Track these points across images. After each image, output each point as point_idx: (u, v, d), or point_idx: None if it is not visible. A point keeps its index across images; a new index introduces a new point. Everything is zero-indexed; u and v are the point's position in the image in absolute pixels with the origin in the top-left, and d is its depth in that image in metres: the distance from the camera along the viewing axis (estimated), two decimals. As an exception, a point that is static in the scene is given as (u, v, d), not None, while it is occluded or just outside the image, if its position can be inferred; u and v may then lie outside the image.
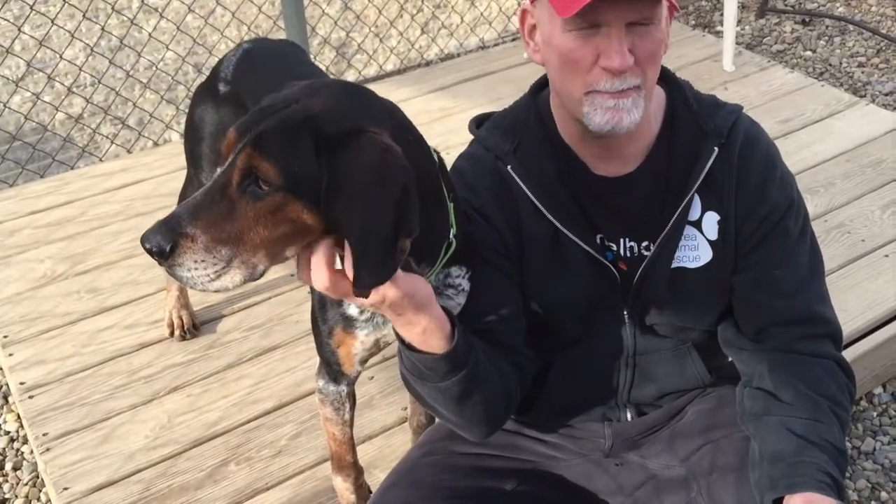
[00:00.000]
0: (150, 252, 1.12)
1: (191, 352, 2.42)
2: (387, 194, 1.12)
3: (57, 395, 2.29)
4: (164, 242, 1.10)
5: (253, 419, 2.22)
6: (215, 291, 1.15)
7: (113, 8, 3.74)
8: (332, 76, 3.92)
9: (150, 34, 3.87)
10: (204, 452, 2.13)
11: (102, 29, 3.72)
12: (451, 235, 1.33)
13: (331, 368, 1.62)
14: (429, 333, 1.30)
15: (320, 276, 1.17)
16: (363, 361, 1.60)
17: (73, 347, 2.44)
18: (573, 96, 1.39)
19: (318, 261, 1.17)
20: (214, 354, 2.41)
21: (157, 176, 3.16)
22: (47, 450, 2.14)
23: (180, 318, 2.45)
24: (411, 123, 1.29)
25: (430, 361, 1.33)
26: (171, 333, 2.45)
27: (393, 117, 1.24)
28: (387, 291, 1.19)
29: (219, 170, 1.16)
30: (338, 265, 1.19)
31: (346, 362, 1.58)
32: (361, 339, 1.52)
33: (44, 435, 2.18)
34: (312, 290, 1.63)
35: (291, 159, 1.12)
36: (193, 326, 2.46)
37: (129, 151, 3.55)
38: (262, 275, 1.16)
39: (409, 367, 1.37)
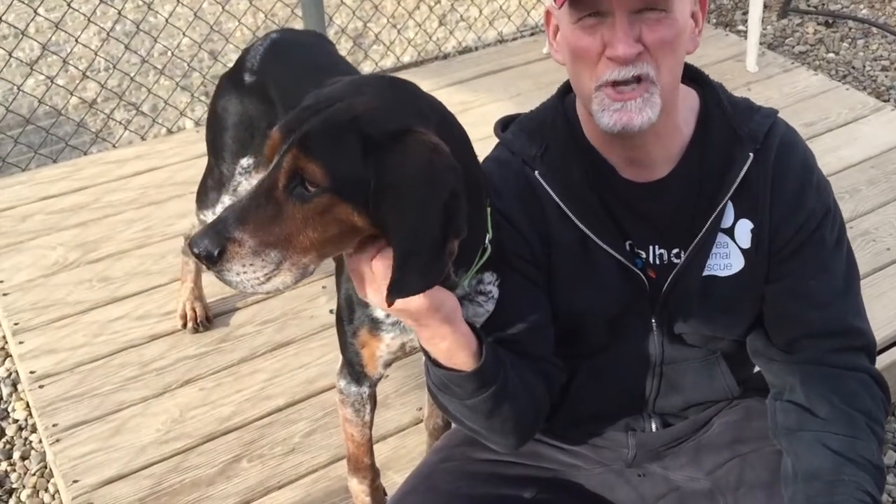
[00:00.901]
0: (198, 257, 1.11)
1: (203, 344, 2.39)
2: (436, 196, 1.09)
3: (67, 385, 2.26)
4: (213, 247, 1.09)
5: (266, 415, 2.19)
6: (266, 293, 1.13)
7: (130, -8, 3.70)
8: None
9: (166, 19, 3.84)
10: (216, 448, 2.10)
11: (119, 13, 3.68)
12: (486, 240, 1.30)
13: (353, 369, 1.59)
14: (454, 350, 1.27)
15: (379, 271, 1.15)
16: (387, 364, 1.56)
17: (84, 337, 2.41)
18: (585, 92, 1.36)
19: (379, 264, 1.15)
20: (227, 348, 2.38)
21: (171, 164, 3.12)
22: (57, 441, 2.11)
23: (194, 309, 2.42)
24: (455, 119, 1.25)
25: (458, 379, 1.30)
26: (184, 325, 2.42)
27: (438, 113, 1.21)
28: (411, 300, 1.16)
29: (259, 172, 1.14)
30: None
31: (370, 364, 1.55)
32: (387, 342, 1.49)
33: (53, 426, 2.15)
34: (339, 289, 1.60)
35: (338, 160, 1.10)
36: (207, 319, 2.44)
37: (142, 138, 3.51)
38: (312, 272, 1.15)
39: (435, 382, 1.34)
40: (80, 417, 2.17)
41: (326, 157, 1.09)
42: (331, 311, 2.46)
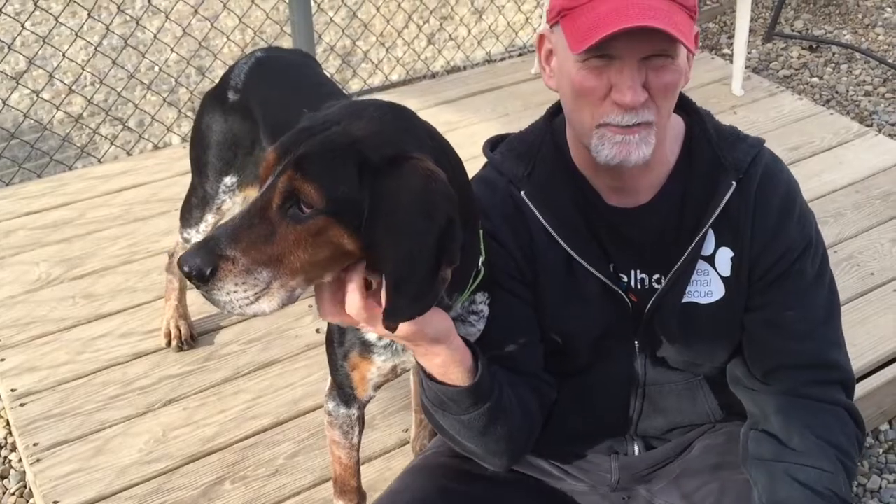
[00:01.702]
0: (188, 275, 1.09)
1: (187, 363, 2.37)
2: (431, 223, 1.09)
3: (49, 403, 2.23)
4: (205, 266, 1.07)
5: (250, 436, 2.17)
6: (252, 316, 1.12)
7: (119, 8, 3.69)
8: (340, 86, 3.90)
9: (154, 35, 3.83)
10: (199, 469, 2.08)
11: (107, 28, 3.66)
12: (479, 263, 1.30)
13: (343, 391, 1.58)
14: (448, 366, 1.28)
15: (354, 302, 1.14)
16: (377, 387, 1.56)
17: (66, 355, 2.38)
18: (584, 127, 1.37)
19: (354, 286, 1.14)
20: (212, 367, 2.36)
21: (157, 180, 3.11)
22: (37, 461, 2.08)
23: (178, 328, 2.40)
24: (451, 146, 1.26)
25: (453, 394, 1.30)
26: (168, 343, 2.40)
27: (435, 140, 1.21)
28: (402, 325, 1.15)
29: (251, 192, 1.13)
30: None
31: (360, 386, 1.54)
32: (378, 365, 1.48)
33: (34, 445, 2.12)
34: None
35: (335, 183, 1.09)
36: (191, 337, 2.41)
37: (128, 153, 3.50)
38: (297, 299, 1.14)
39: (430, 397, 1.34)
40: (61, 437, 2.14)
41: (323, 179, 1.09)
42: (317, 331, 2.45)
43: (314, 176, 1.09)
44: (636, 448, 1.61)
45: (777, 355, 1.47)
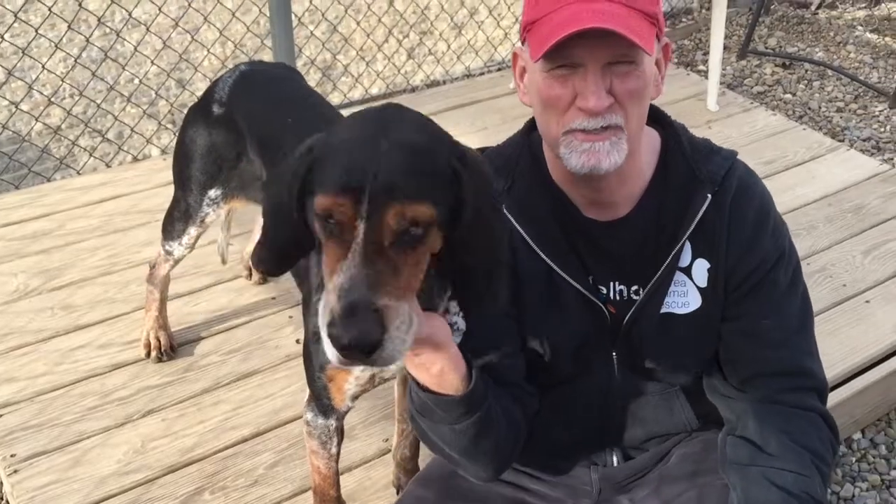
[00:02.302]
0: (357, 350, 1.01)
1: (167, 374, 2.36)
2: (497, 205, 1.12)
3: (27, 414, 2.22)
4: (377, 331, 1.00)
5: (229, 446, 2.16)
6: (402, 356, 1.06)
7: (99, 20, 3.69)
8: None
9: (135, 47, 3.83)
10: (178, 480, 2.07)
11: (87, 40, 3.66)
12: None
13: (321, 402, 1.59)
14: (444, 375, 1.29)
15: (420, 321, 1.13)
16: (355, 397, 1.57)
17: (44, 366, 2.37)
18: (552, 136, 1.39)
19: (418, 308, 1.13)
20: (191, 378, 2.36)
21: (137, 191, 3.10)
22: (15, 472, 2.07)
23: (157, 338, 2.40)
24: None
25: (446, 403, 1.31)
26: (148, 354, 2.39)
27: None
28: (419, 329, 1.16)
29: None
30: None
31: (338, 397, 1.55)
32: (356, 375, 1.49)
33: (11, 456, 2.10)
34: (306, 319, 1.60)
35: (433, 193, 1.07)
36: (171, 348, 2.41)
37: (107, 165, 3.49)
38: None
39: (419, 407, 1.35)
40: (39, 448, 2.13)
41: (425, 196, 1.06)
42: (297, 342, 2.45)
43: (418, 196, 1.05)
44: (615, 459, 1.62)
45: (753, 363, 1.49)
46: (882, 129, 4.02)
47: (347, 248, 1.04)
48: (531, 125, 1.56)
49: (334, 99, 4.07)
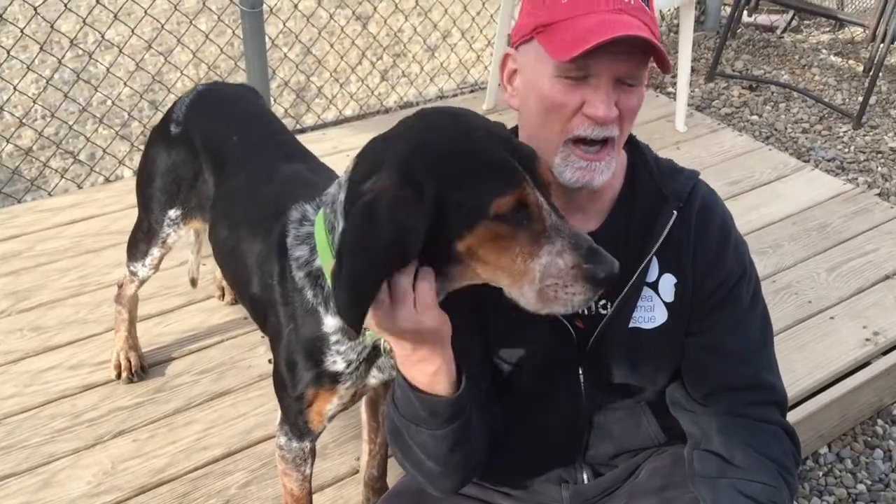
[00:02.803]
0: (615, 280, 1.23)
1: (138, 395, 2.35)
2: None
3: (-5, 437, 2.21)
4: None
5: (201, 466, 2.16)
6: None
7: (72, 41, 3.69)
8: (288, 119, 3.93)
9: (107, 69, 3.83)
10: (149, 501, 2.06)
11: (59, 62, 3.66)
12: None
13: (296, 426, 1.59)
14: (438, 375, 1.30)
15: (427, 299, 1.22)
16: (332, 418, 1.57)
17: (14, 387, 2.35)
18: (550, 142, 1.40)
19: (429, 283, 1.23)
20: (162, 398, 2.35)
21: (108, 213, 3.10)
22: (-18, 495, 2.05)
23: (128, 359, 2.39)
24: None
25: (436, 405, 1.32)
26: (118, 375, 2.38)
27: None
28: (426, 320, 1.21)
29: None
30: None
31: (316, 419, 1.55)
32: (341, 394, 1.50)
33: (-21, 479, 2.09)
34: (277, 351, 1.59)
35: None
36: (142, 369, 2.40)
37: (79, 187, 3.48)
38: None
39: (405, 412, 1.35)
40: (7, 470, 2.11)
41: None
42: (269, 361, 2.45)
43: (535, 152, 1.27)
44: (585, 476, 1.63)
45: (716, 378, 1.52)
46: (846, 150, 4.10)
47: (539, 219, 1.20)
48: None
49: (308, 119, 4.10)
